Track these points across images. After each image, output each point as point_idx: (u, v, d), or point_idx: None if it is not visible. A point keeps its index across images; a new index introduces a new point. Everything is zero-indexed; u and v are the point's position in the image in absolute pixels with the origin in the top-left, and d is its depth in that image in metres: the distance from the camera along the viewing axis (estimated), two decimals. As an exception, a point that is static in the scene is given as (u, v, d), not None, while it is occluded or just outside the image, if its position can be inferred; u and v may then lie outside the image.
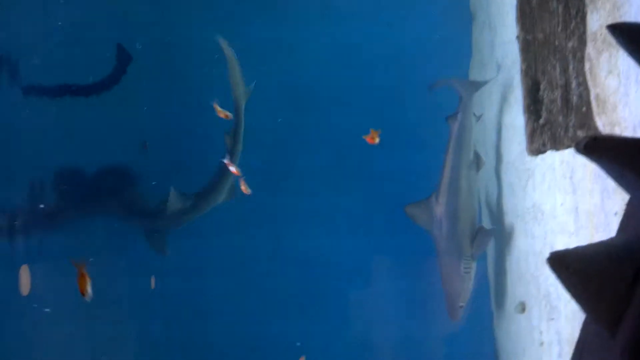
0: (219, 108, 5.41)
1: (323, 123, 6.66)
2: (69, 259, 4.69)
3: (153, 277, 6.39)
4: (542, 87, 4.08)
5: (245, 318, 6.58)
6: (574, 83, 3.63)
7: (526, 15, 4.10)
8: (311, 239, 6.57)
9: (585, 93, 3.51)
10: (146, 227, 6.50)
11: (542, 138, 4.23)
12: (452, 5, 6.80)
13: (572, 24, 3.60)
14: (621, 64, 3.13)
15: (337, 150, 6.65)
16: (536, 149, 4.34)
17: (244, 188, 5.59)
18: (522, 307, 5.01)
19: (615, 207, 3.23)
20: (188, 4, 6.71)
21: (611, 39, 2.59)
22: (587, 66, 3.47)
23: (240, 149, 6.18)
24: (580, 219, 3.73)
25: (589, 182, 3.59)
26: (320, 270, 6.60)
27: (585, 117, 3.50)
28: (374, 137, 5.14)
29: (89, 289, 4.62)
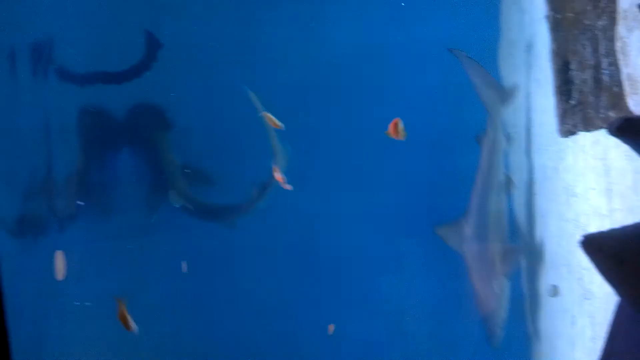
0: (270, 115, 5.47)
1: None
2: (113, 296, 4.82)
3: (184, 263, 6.45)
4: (572, 67, 4.03)
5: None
6: (604, 63, 3.57)
7: (556, -6, 4.04)
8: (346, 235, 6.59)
9: (616, 73, 3.46)
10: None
11: (574, 119, 4.18)
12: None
13: (603, 2, 3.54)
14: (654, 42, 3.07)
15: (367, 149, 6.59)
16: (567, 130, 4.30)
17: (283, 182, 5.63)
18: (555, 290, 4.99)
19: (649, 188, 3.19)
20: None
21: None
22: (618, 45, 3.41)
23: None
24: (613, 201, 3.69)
25: (622, 163, 3.54)
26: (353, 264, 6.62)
27: (617, 97, 3.45)
28: (397, 130, 4.83)
29: (132, 324, 4.73)
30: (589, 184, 4.12)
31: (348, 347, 6.23)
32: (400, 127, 4.83)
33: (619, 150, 3.58)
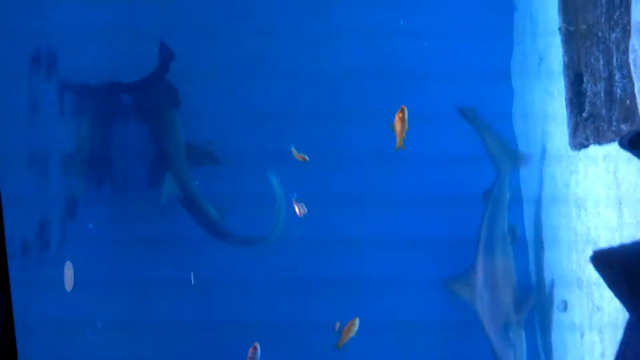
0: (296, 152, 5.51)
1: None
2: None
3: (192, 273, 6.44)
4: (585, 79, 4.00)
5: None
6: (617, 75, 3.55)
7: (569, 5, 4.02)
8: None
9: (629, 85, 3.43)
10: None
11: (585, 132, 4.16)
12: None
13: (616, 14, 3.52)
14: (667, 55, 3.05)
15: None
16: (579, 142, 4.27)
17: (298, 209, 5.62)
18: (565, 305, 4.95)
19: (661, 202, 3.16)
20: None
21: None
22: (631, 58, 3.39)
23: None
24: (624, 215, 3.66)
25: (634, 178, 3.51)
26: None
27: (629, 110, 3.42)
28: (403, 121, 4.53)
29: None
30: (599, 197, 4.09)
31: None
32: (405, 117, 4.54)
33: (630, 164, 3.56)
